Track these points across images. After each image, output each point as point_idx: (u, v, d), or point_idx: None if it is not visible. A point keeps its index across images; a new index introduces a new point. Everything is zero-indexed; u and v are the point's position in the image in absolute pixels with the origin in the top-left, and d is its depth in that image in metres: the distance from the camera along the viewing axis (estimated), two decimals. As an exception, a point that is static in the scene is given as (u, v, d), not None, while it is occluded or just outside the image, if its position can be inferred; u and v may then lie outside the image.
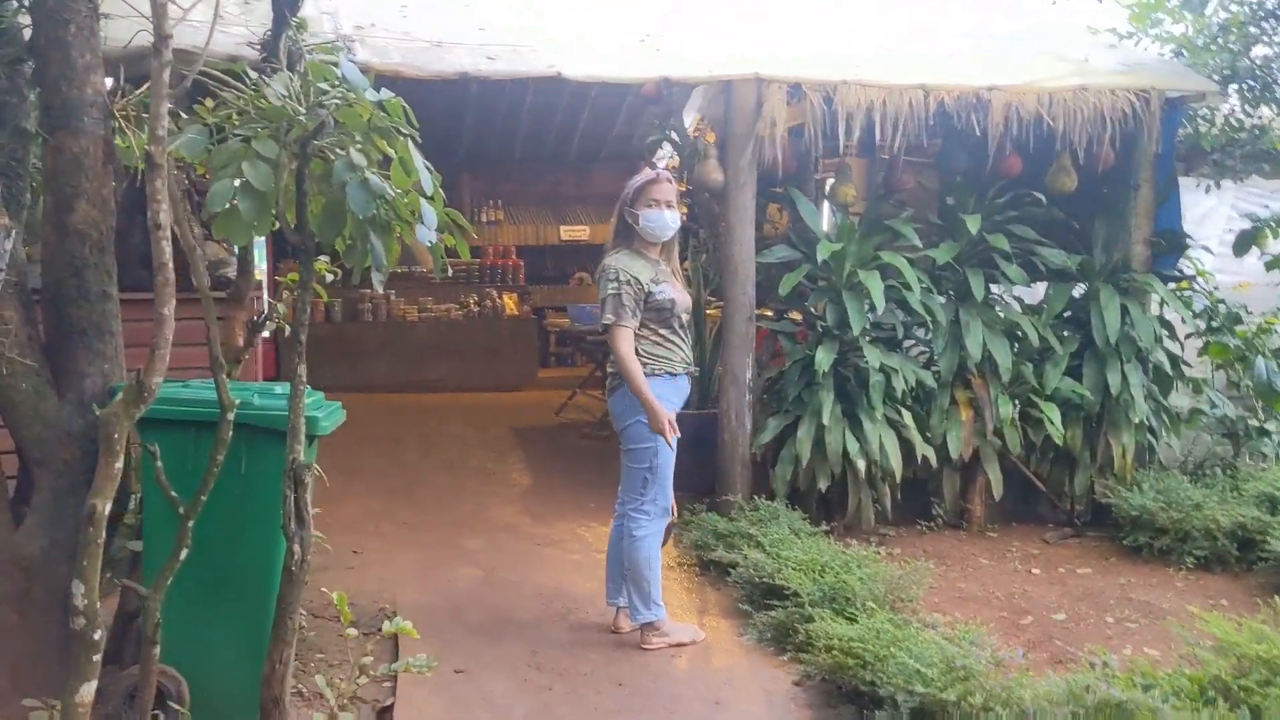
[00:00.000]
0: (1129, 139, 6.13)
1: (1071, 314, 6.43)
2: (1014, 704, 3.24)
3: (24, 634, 3.18)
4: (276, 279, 8.27)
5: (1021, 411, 6.13)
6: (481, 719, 3.64)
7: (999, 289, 6.38)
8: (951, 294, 6.24)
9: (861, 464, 5.67)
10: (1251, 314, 7.01)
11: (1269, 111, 6.94)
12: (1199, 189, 7.31)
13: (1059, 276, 6.37)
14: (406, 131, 3.10)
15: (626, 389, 4.18)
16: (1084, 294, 6.36)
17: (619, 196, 4.39)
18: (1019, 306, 6.39)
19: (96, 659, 2.48)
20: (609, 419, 4.51)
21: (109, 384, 3.28)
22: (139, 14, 2.92)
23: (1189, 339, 6.76)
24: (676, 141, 6.87)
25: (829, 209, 6.66)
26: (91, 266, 3.25)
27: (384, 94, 3.08)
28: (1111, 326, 6.02)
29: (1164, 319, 6.43)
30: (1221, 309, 6.84)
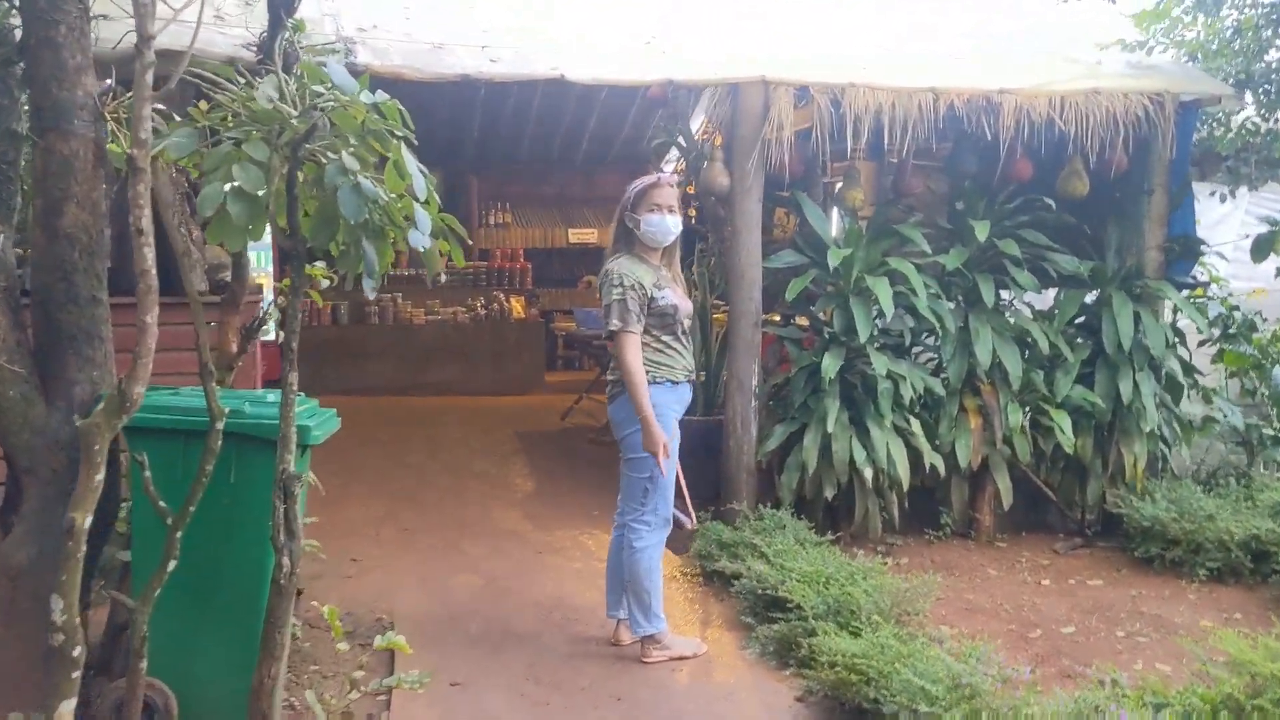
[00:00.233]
0: (1142, 143, 6.03)
1: (1083, 320, 6.34)
2: (1021, 724, 3.17)
3: (10, 644, 3.11)
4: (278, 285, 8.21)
5: (1031, 419, 6.05)
6: (477, 733, 3.58)
7: (1009, 295, 6.29)
8: (961, 300, 6.16)
9: (868, 472, 5.59)
10: (1266, 321, 6.91)
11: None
12: (1213, 195, 7.21)
13: (1070, 282, 6.28)
14: (401, 134, 3.04)
15: (628, 397, 4.11)
16: (1096, 300, 6.27)
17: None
18: (1029, 313, 6.30)
19: (76, 676, 2.41)
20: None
21: (99, 391, 3.22)
22: (131, 15, 2.86)
23: (1202, 346, 6.66)
24: (683, 145, 6.80)
25: (838, 213, 6.58)
26: (81, 271, 3.18)
27: (380, 96, 3.02)
28: (1124, 333, 5.92)
29: (1176, 326, 6.34)
30: (1237, 316, 6.74)
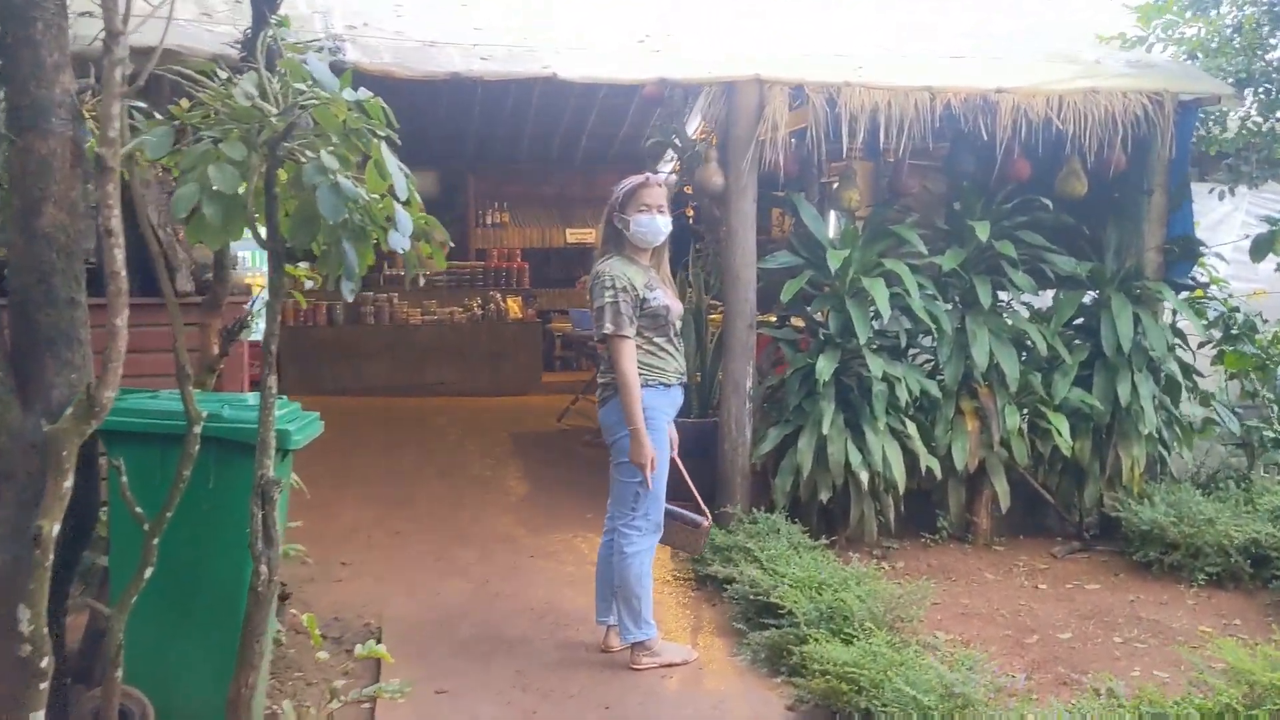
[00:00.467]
0: (1141, 143, 5.96)
1: (1081, 322, 6.28)
2: (1014, 736, 3.11)
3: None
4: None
5: (1029, 422, 5.99)
6: (462, 743, 3.52)
7: (1007, 296, 6.23)
8: (958, 301, 6.10)
9: (864, 475, 5.52)
10: (1267, 322, 6.85)
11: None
12: (1213, 195, 7.15)
13: (1068, 284, 6.22)
14: (384, 133, 2.98)
15: (619, 401, 4.05)
16: (1094, 302, 6.20)
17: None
18: (1027, 314, 6.24)
19: (44, 687, 2.36)
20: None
21: (77, 394, 3.16)
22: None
23: (1202, 348, 6.60)
24: (678, 145, 6.75)
25: (835, 213, 6.52)
26: (59, 272, 3.11)
27: (363, 93, 2.97)
28: (1123, 335, 5.86)
29: (1176, 328, 6.27)
30: (1238, 317, 6.67)
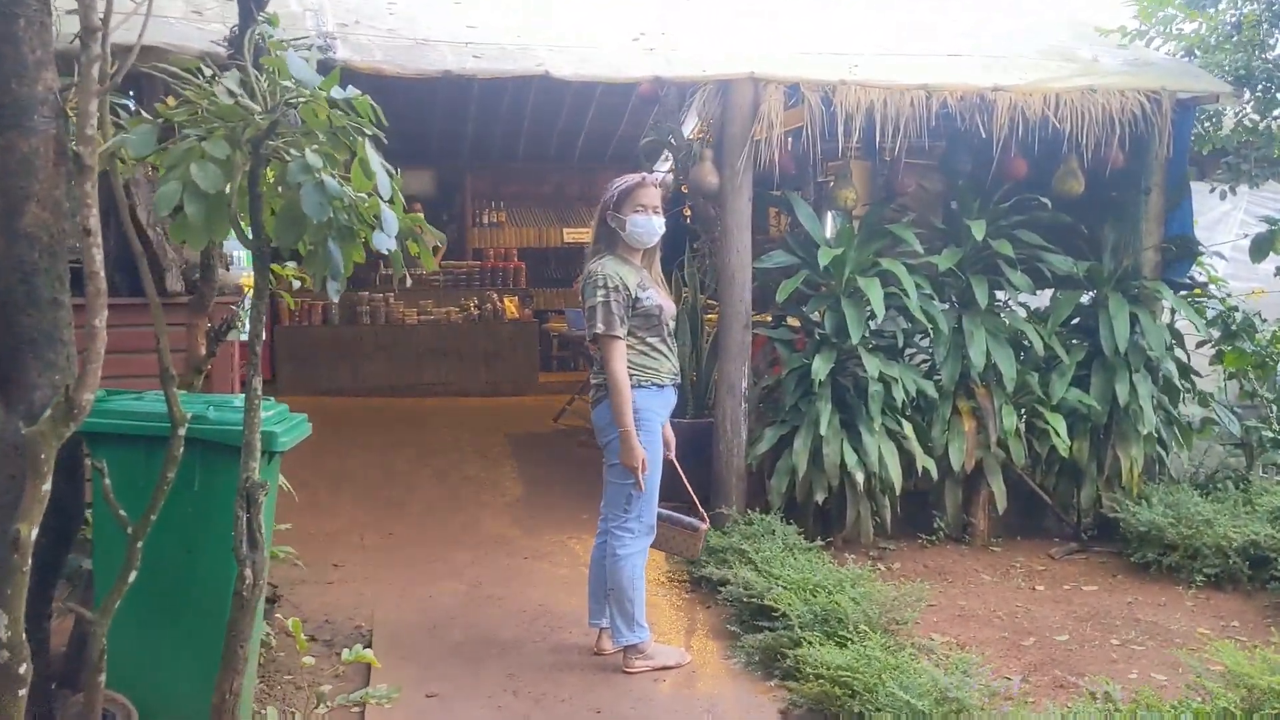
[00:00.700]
0: (1139, 141, 5.92)
1: (1079, 322, 6.25)
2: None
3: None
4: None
5: (1026, 422, 5.96)
6: (452, 748, 3.49)
7: (1004, 296, 6.20)
8: (954, 301, 6.06)
9: (860, 476, 5.49)
10: (1266, 321, 6.81)
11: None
12: (1212, 193, 7.11)
13: (1066, 283, 6.18)
14: (370, 131, 2.95)
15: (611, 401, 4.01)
16: (1092, 301, 6.17)
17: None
18: (1024, 314, 6.20)
19: (23, 694, 2.32)
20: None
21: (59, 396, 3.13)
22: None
23: (1200, 348, 6.56)
24: (673, 144, 6.71)
25: (832, 213, 6.48)
26: (42, 272, 3.07)
27: (351, 91, 2.93)
28: (1120, 335, 5.82)
29: (1175, 327, 6.23)
30: (1237, 316, 6.63)
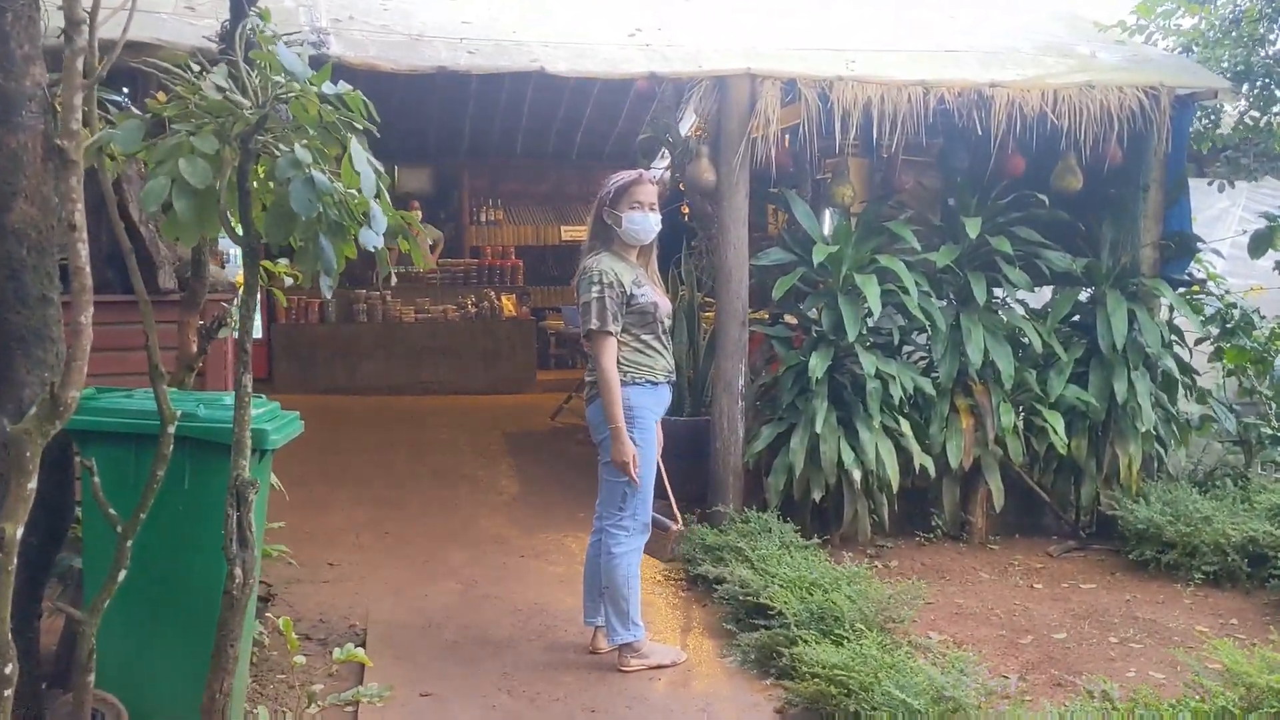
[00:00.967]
0: (1137, 138, 5.89)
1: (1077, 319, 6.23)
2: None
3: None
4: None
5: (1024, 420, 5.94)
6: (445, 747, 3.46)
7: (1002, 293, 6.17)
8: (952, 298, 6.04)
9: (857, 474, 5.47)
10: (1264, 318, 6.79)
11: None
12: (1211, 190, 7.09)
13: (1064, 280, 6.16)
14: (361, 127, 2.92)
15: (605, 399, 3.99)
16: (1090, 298, 6.15)
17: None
18: (1022, 311, 6.18)
19: (8, 694, 2.29)
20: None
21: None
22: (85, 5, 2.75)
23: (1199, 345, 6.53)
24: (670, 140, 6.68)
25: (830, 210, 6.45)
26: (30, 269, 3.05)
27: (343, 87, 2.91)
28: (1118, 332, 5.80)
29: (1173, 324, 6.21)
30: (1236, 313, 6.61)
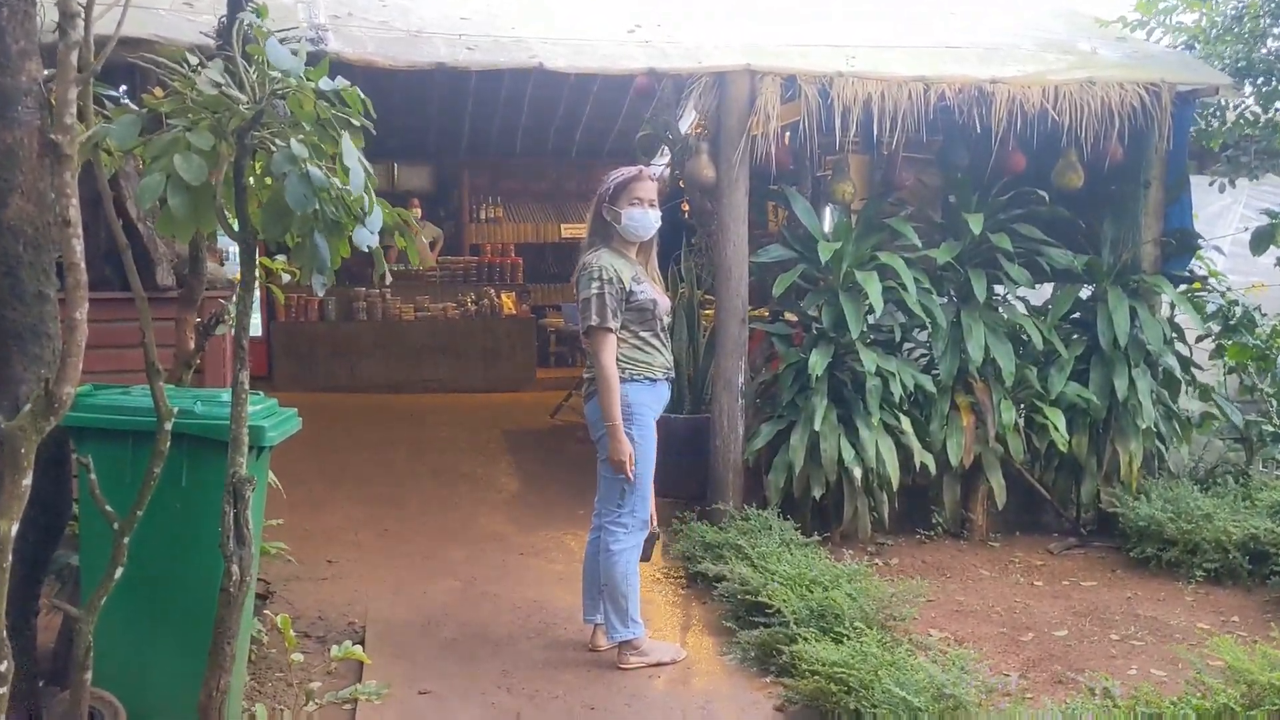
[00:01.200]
0: (1138, 134, 5.88)
1: (1078, 316, 6.21)
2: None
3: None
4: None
5: (1025, 417, 5.92)
6: (444, 745, 3.45)
7: (1002, 290, 6.15)
8: (953, 295, 6.02)
9: (857, 471, 5.45)
10: (1266, 316, 6.77)
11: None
12: (1212, 187, 7.07)
13: (1065, 277, 6.14)
14: (358, 123, 2.91)
15: (604, 396, 3.97)
16: (1091, 296, 6.13)
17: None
18: (1023, 308, 6.17)
19: (3, 691, 2.28)
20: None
21: (45, 391, 3.09)
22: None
23: (1200, 342, 6.52)
24: (669, 137, 6.66)
25: (830, 207, 6.44)
26: (26, 265, 3.03)
27: (340, 83, 2.90)
28: (1120, 329, 5.78)
29: (1174, 321, 6.20)
30: (1237, 310, 6.60)
